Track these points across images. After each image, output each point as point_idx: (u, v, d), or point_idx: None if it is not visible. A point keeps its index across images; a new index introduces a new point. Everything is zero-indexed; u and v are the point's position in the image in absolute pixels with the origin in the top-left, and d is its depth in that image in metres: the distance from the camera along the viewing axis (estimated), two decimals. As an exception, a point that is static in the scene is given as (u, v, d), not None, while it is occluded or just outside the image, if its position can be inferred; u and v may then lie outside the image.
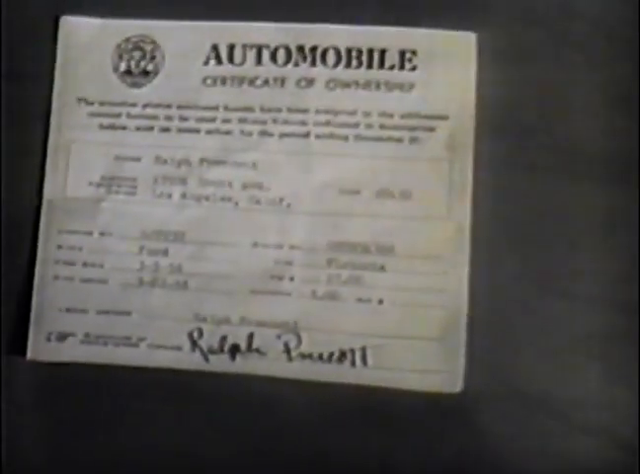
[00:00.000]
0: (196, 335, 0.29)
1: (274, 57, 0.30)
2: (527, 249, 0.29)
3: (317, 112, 0.30)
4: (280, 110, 0.30)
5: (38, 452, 0.30)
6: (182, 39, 0.30)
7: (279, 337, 0.29)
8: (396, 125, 0.30)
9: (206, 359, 0.29)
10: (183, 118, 0.30)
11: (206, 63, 0.30)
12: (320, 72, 0.30)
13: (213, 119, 0.30)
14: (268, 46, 0.30)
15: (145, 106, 0.30)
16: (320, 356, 0.29)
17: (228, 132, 0.30)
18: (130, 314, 0.29)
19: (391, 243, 0.29)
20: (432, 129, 0.29)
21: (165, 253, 0.30)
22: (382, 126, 0.30)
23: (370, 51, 0.30)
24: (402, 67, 0.30)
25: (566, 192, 0.29)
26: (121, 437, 0.29)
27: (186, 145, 0.30)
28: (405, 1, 0.30)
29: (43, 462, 0.30)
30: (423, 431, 0.29)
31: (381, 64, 0.30)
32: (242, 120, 0.30)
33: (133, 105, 0.30)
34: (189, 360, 0.29)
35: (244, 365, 0.29)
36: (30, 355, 0.29)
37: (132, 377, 0.29)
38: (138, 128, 0.30)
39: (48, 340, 0.29)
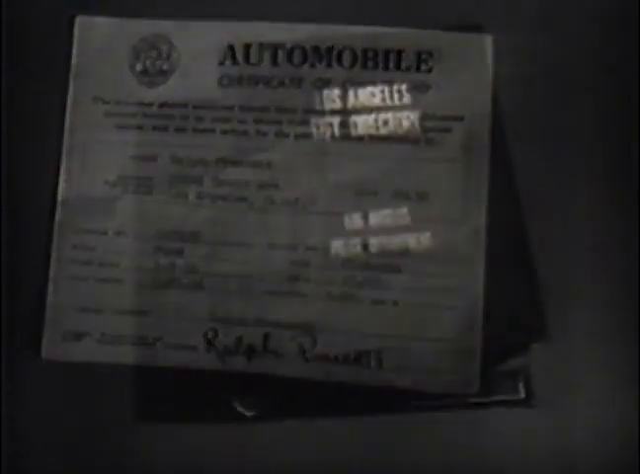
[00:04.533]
0: (211, 335, 0.29)
1: (290, 58, 0.30)
2: (543, 250, 0.29)
3: (333, 112, 0.30)
4: (295, 110, 0.30)
5: (51, 452, 0.29)
6: (198, 39, 0.30)
7: (294, 338, 0.29)
8: (412, 127, 0.30)
9: (222, 360, 0.29)
10: (198, 118, 0.30)
11: (222, 63, 0.30)
12: (336, 73, 0.30)
13: (229, 120, 0.30)
14: (284, 47, 0.30)
15: (161, 105, 0.30)
16: (335, 358, 0.29)
17: (244, 133, 0.30)
18: (146, 314, 0.29)
19: (407, 244, 0.29)
20: (447, 130, 0.29)
21: (180, 253, 0.30)
22: (398, 127, 0.30)
23: (387, 52, 0.30)
24: (418, 68, 0.30)
25: (584, 194, 0.29)
26: (136, 438, 0.29)
27: (201, 145, 0.30)
28: (421, 2, 0.30)
29: (57, 463, 0.29)
30: (438, 432, 0.29)
31: (397, 65, 0.30)
32: (258, 121, 0.30)
33: (149, 104, 0.30)
34: (204, 361, 0.29)
35: (259, 366, 0.29)
36: (45, 354, 0.29)
37: (148, 377, 0.29)
38: (154, 128, 0.30)
39: (64, 339, 0.29)
